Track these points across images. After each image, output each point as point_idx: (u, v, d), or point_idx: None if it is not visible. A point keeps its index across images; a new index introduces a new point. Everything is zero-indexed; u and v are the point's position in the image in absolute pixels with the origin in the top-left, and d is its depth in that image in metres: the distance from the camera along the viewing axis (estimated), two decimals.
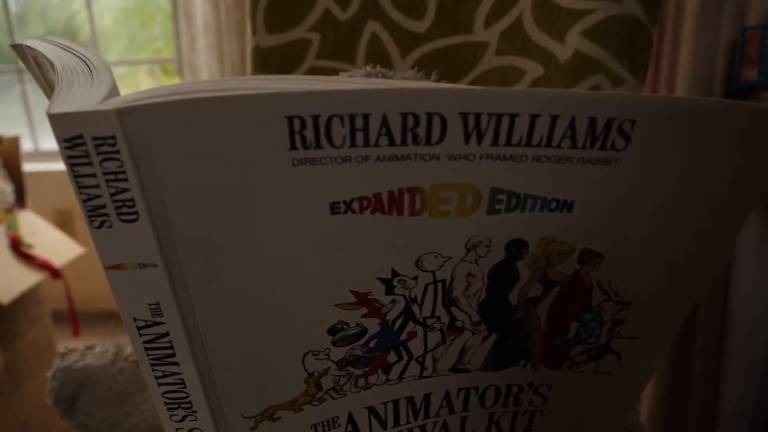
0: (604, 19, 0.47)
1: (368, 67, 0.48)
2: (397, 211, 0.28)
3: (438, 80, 0.45)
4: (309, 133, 0.25)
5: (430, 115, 0.25)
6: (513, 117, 0.25)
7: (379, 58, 0.60)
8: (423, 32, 0.57)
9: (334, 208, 0.28)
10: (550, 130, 0.25)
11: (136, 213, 0.26)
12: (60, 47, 0.33)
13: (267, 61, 0.62)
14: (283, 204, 0.27)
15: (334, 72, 0.61)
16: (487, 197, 0.28)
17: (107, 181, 0.25)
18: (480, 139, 0.25)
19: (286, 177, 0.26)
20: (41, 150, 1.44)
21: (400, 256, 0.30)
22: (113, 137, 0.24)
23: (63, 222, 1.47)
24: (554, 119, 0.25)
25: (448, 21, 0.56)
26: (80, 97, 0.26)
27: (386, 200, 0.28)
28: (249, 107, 0.24)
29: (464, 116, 0.25)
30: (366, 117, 0.25)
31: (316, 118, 0.25)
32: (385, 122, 0.25)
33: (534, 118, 0.25)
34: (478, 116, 0.25)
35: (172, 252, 0.27)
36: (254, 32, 0.62)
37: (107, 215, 0.26)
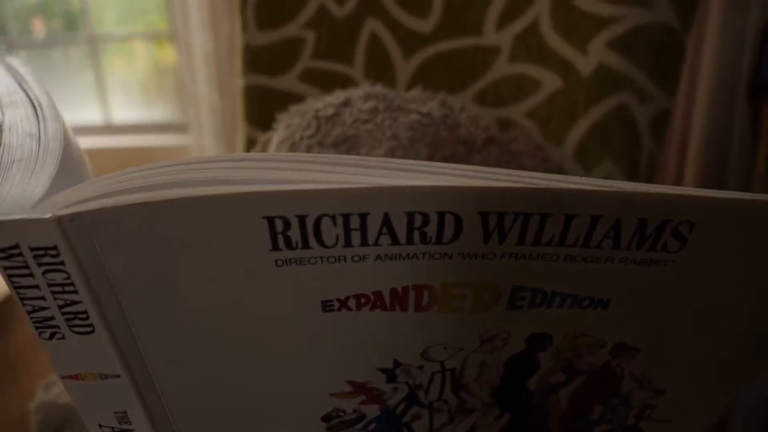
0: (632, 29, 0.42)
1: (367, 86, 0.43)
2: (401, 307, 0.24)
3: (442, 103, 0.40)
4: (294, 233, 0.21)
5: (441, 215, 0.20)
6: (545, 216, 0.20)
7: (379, 59, 0.54)
8: (427, 32, 0.52)
9: (326, 306, 0.24)
10: (588, 231, 0.21)
11: (90, 325, 0.22)
12: (16, 80, 0.29)
13: (258, 62, 0.57)
14: (266, 304, 0.23)
15: (331, 75, 0.56)
16: (508, 295, 0.24)
17: (53, 293, 0.21)
18: (503, 238, 0.21)
19: (269, 278, 0.22)
20: None
21: (404, 349, 0.26)
22: (54, 247, 0.19)
23: None
24: (595, 219, 0.20)
25: (455, 21, 0.51)
26: (18, 190, 0.21)
27: (388, 298, 0.24)
28: (220, 208, 0.20)
29: (484, 215, 0.20)
30: (363, 216, 0.20)
31: (302, 218, 0.20)
32: (387, 221, 0.21)
33: (570, 218, 0.20)
34: (501, 215, 0.20)
35: (137, 362, 0.23)
36: (244, 29, 0.57)
37: (57, 327, 0.22)
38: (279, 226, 0.20)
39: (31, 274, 0.20)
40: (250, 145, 0.58)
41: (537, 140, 0.43)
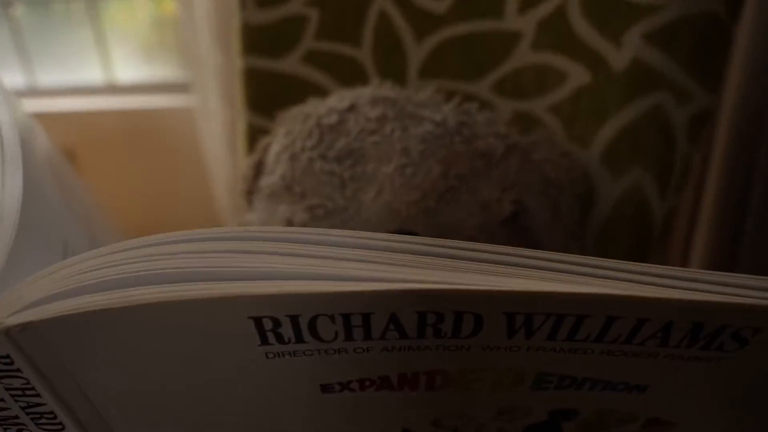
0: (674, 20, 0.37)
1: (375, 86, 0.39)
2: (410, 388, 0.21)
3: (458, 109, 0.36)
4: (286, 331, 0.18)
5: (459, 314, 0.17)
6: (581, 318, 0.17)
7: (388, 42, 0.50)
8: (441, 13, 0.47)
9: (326, 389, 0.21)
10: (632, 331, 0.18)
11: (60, 423, 0.19)
12: None
13: (258, 42, 0.53)
14: (257, 389, 0.20)
15: (336, 57, 0.51)
16: (532, 378, 0.21)
17: (13, 396, 0.18)
18: (530, 335, 0.18)
19: (258, 368, 0.19)
20: (39, 86, 1.35)
21: (414, 419, 0.24)
22: (7, 356, 0.17)
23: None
24: (641, 321, 0.17)
25: (472, 1, 0.46)
26: None
27: (396, 381, 0.21)
28: (196, 310, 0.17)
29: (510, 315, 0.17)
30: (367, 316, 0.17)
31: (294, 317, 0.17)
32: (394, 319, 0.18)
33: (611, 319, 0.17)
34: (529, 316, 0.17)
35: None
36: (243, 6, 0.52)
37: (23, 424, 0.19)
38: (268, 324, 0.17)
39: None
40: (252, 132, 0.54)
41: (562, 145, 0.39)
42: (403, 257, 0.18)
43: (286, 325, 0.17)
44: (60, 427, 0.19)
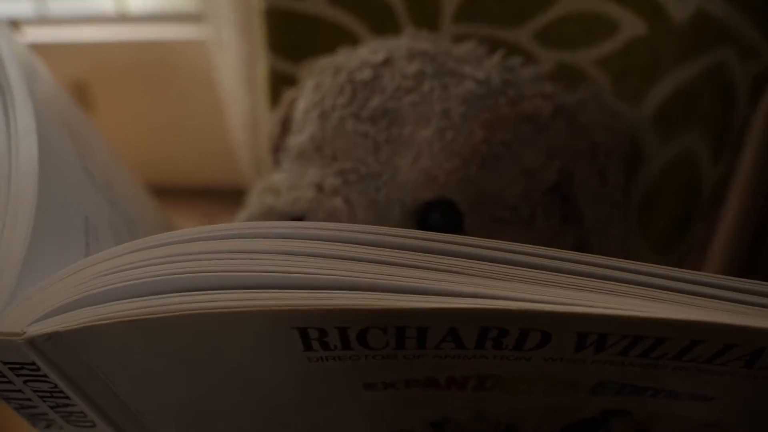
0: None
1: (410, 35, 0.36)
2: (458, 388, 0.20)
3: (502, 65, 0.33)
4: (333, 339, 0.16)
5: (525, 331, 0.16)
6: (661, 341, 0.15)
7: None
8: None
9: (369, 386, 0.20)
10: (717, 354, 0.16)
11: (90, 422, 0.18)
12: None
13: None
14: (296, 389, 0.19)
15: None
16: (591, 386, 0.19)
17: (42, 398, 0.17)
18: (600, 351, 0.16)
19: (300, 370, 0.18)
20: (50, 14, 1.30)
21: (458, 410, 0.23)
22: (32, 363, 0.15)
23: (81, 98, 1.37)
24: (729, 346, 0.15)
25: None
26: None
27: (444, 382, 0.20)
28: (235, 321, 0.15)
29: (582, 335, 0.16)
30: (423, 329, 0.16)
31: (343, 329, 0.16)
32: (452, 332, 0.16)
33: (696, 342, 0.15)
34: (603, 336, 0.16)
35: None
36: None
37: (53, 420, 0.18)
38: (313, 334, 0.16)
39: (10, 382, 0.16)
40: (275, 77, 0.51)
41: (610, 105, 0.36)
42: (467, 264, 0.16)
43: (332, 335, 0.16)
44: (90, 424, 0.18)
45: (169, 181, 1.27)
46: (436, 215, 0.30)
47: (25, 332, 0.15)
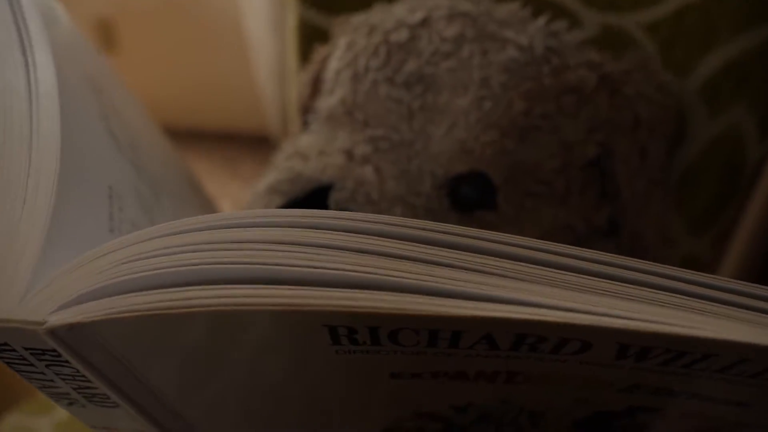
0: None
1: None
2: (487, 381, 0.20)
3: (546, 30, 0.31)
4: (362, 336, 0.16)
5: (564, 340, 0.15)
6: (706, 357, 0.15)
7: None
8: None
9: (395, 375, 0.19)
10: (764, 370, 0.15)
11: (114, 403, 0.18)
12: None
13: None
14: (320, 379, 0.19)
15: None
16: (625, 387, 0.19)
17: (64, 380, 0.17)
18: (640, 360, 0.16)
19: (326, 362, 0.18)
20: None
21: (483, 398, 0.22)
22: (54, 350, 0.15)
23: (106, 37, 1.35)
24: None
25: None
26: None
27: (473, 375, 0.19)
28: (266, 318, 0.15)
29: (624, 346, 0.15)
30: (457, 333, 0.15)
31: (374, 329, 0.15)
32: (487, 336, 0.15)
33: (743, 360, 0.15)
34: (646, 348, 0.15)
35: (174, 420, 0.20)
36: None
37: (75, 400, 0.18)
38: (343, 331, 0.15)
39: (32, 365, 0.16)
40: (305, 30, 0.49)
41: (658, 76, 0.34)
42: (506, 266, 0.15)
43: (362, 333, 0.15)
44: (113, 404, 0.18)
45: (192, 124, 1.27)
46: (469, 188, 0.29)
47: (46, 321, 0.14)
